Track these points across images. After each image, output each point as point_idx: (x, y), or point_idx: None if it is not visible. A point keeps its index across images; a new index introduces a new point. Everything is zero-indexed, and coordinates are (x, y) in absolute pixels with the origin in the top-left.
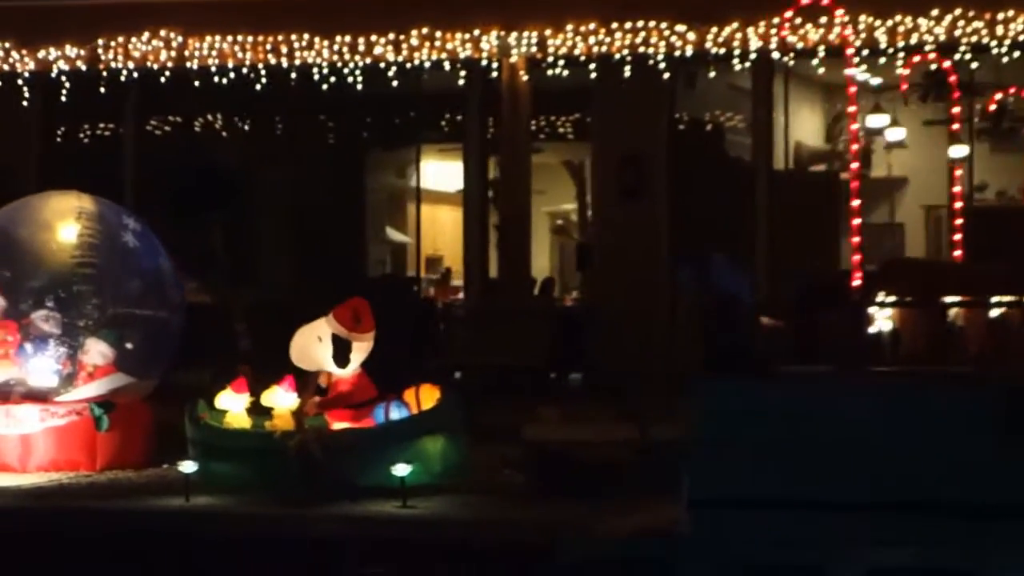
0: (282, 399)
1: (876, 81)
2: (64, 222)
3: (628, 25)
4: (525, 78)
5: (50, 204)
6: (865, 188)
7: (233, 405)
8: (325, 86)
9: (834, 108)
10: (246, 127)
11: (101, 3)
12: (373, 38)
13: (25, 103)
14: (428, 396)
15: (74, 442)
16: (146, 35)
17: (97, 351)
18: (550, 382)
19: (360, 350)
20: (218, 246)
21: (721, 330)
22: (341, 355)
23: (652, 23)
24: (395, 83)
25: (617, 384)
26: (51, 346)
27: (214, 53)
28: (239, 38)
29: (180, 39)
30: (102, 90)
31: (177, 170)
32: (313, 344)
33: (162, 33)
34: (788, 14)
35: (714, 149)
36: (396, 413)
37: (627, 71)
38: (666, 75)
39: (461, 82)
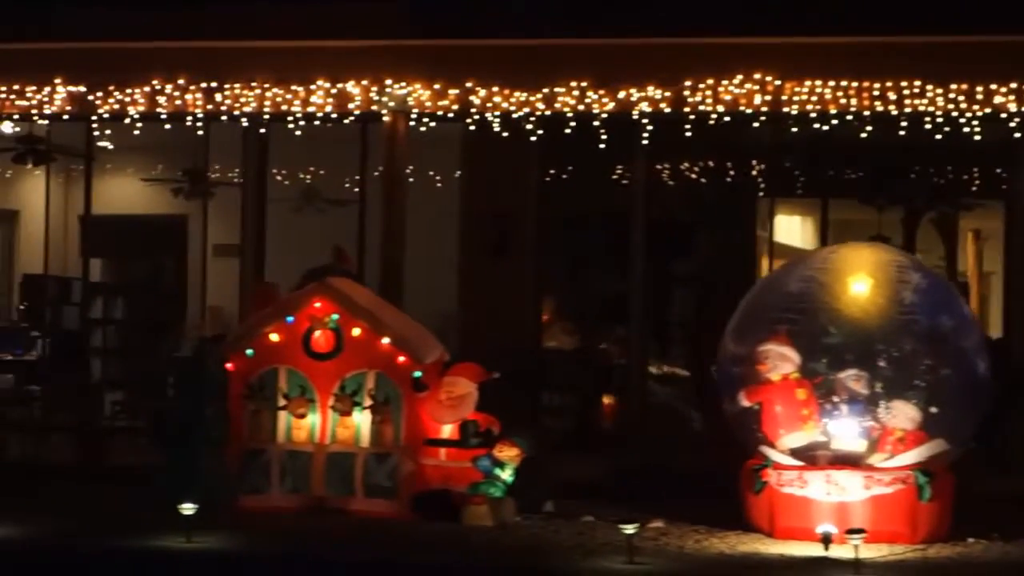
0: None
1: None
2: (886, 276)
3: None
4: None
5: (863, 255)
6: None
7: None
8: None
9: None
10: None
11: (689, 43)
12: (993, 86)
13: (602, 146)
14: None
15: (897, 512)
16: (739, 78)
17: (905, 414)
18: None
19: None
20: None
21: None
22: None
23: None
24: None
25: None
26: (858, 408)
27: (814, 98)
28: (842, 83)
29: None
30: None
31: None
32: None
33: (756, 76)
34: None
35: None
36: None
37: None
38: None
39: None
